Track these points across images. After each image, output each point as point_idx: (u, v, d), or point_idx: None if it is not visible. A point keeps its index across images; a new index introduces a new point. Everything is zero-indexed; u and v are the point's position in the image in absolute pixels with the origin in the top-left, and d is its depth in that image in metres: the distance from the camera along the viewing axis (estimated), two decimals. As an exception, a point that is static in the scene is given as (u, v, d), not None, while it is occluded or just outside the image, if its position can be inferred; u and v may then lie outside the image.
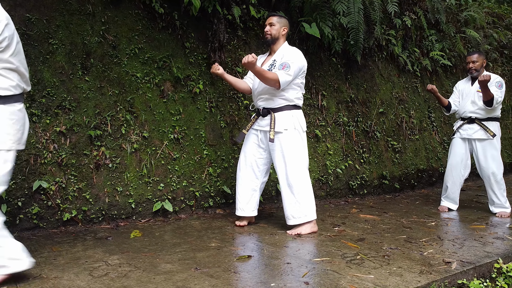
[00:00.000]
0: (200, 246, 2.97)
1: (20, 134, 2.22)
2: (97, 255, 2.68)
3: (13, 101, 2.17)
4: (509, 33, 8.57)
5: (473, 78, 4.42)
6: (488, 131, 4.22)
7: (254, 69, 3.16)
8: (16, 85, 2.17)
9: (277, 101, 3.39)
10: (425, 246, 3.05)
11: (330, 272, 2.43)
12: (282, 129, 3.34)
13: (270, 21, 3.50)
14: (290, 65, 3.26)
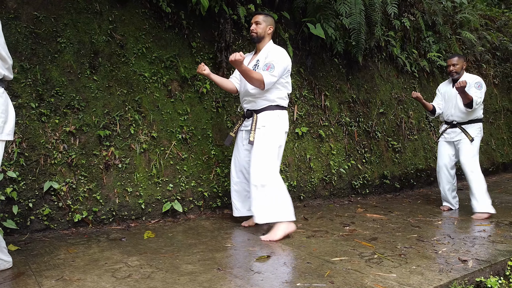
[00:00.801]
0: (216, 246, 2.96)
1: (2, 122, 1.98)
2: (115, 257, 2.66)
3: None
4: (500, 35, 8.74)
5: (453, 81, 4.47)
6: (467, 135, 4.29)
7: (241, 67, 3.08)
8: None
9: (260, 103, 3.34)
10: (438, 245, 3.09)
11: (352, 272, 2.45)
12: (260, 126, 3.27)
13: (256, 20, 3.43)
14: (275, 66, 3.20)
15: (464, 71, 4.41)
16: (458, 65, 4.33)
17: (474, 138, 4.25)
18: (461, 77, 4.35)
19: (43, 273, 2.34)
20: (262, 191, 3.15)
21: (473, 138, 4.23)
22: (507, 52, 8.85)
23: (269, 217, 3.15)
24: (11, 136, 2.06)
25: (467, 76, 4.35)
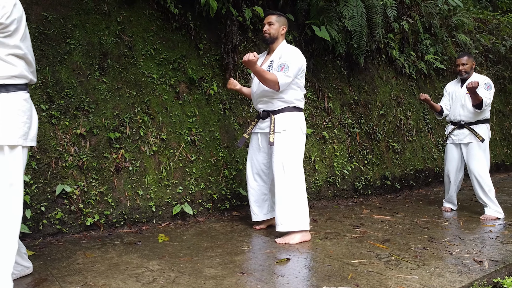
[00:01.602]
0: (233, 249, 2.96)
1: (27, 128, 1.92)
2: (134, 261, 2.64)
3: (17, 89, 1.88)
4: (493, 37, 8.90)
5: (462, 80, 4.49)
6: (477, 135, 4.30)
7: (254, 68, 3.06)
8: (21, 75, 1.89)
9: (276, 103, 3.29)
10: (450, 246, 3.14)
11: (374, 274, 2.48)
12: (281, 129, 3.23)
13: (269, 20, 3.39)
14: (289, 66, 3.16)
15: (473, 71, 4.44)
16: (468, 65, 4.36)
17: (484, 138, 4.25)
18: (470, 77, 4.38)
19: (65, 279, 2.31)
20: (286, 199, 3.16)
21: (483, 138, 4.24)
22: (498, 54, 9.02)
23: (292, 226, 3.15)
24: (35, 142, 2.01)
25: (477, 76, 4.37)
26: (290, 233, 3.17)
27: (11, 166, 1.81)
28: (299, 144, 3.26)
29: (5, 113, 1.78)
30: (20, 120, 1.85)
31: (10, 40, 1.78)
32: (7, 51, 1.78)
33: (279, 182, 3.19)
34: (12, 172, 1.81)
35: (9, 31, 1.76)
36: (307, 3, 5.36)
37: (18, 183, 1.84)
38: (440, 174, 6.62)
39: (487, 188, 4.20)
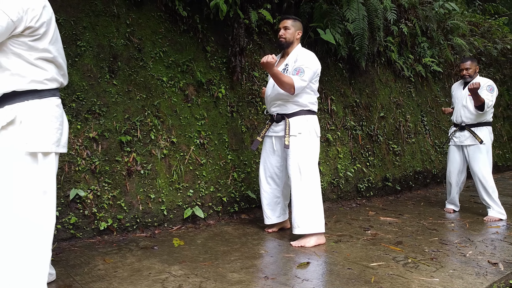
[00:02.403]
0: (251, 253, 2.97)
1: (59, 134, 1.89)
2: (156, 266, 2.62)
3: (50, 95, 1.85)
4: (485, 41, 9.06)
5: (465, 83, 4.57)
6: (477, 137, 4.38)
7: (272, 70, 3.06)
8: (52, 78, 1.85)
9: (291, 107, 3.30)
10: (462, 248, 3.20)
11: (395, 277, 2.51)
12: (296, 132, 3.25)
13: (284, 25, 3.39)
14: (305, 70, 3.17)
15: (477, 75, 4.52)
16: (471, 69, 4.44)
17: (484, 140, 4.33)
18: (473, 80, 4.46)
19: (90, 285, 2.29)
20: (303, 202, 3.17)
21: (482, 140, 4.31)
22: (490, 57, 9.20)
23: (308, 229, 3.17)
24: (66, 148, 1.99)
25: (479, 78, 4.45)
26: (306, 236, 3.20)
27: (45, 173, 1.79)
28: (314, 147, 3.29)
29: (38, 120, 1.75)
30: (53, 126, 1.82)
31: (39, 43, 1.74)
32: (37, 55, 1.74)
33: (295, 185, 3.21)
34: (46, 179, 1.79)
35: (38, 34, 1.73)
36: (310, 6, 5.40)
37: (52, 191, 1.81)
38: (437, 175, 6.72)
39: (490, 190, 4.29)
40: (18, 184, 1.68)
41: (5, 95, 1.69)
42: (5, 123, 1.66)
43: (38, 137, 1.74)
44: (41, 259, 1.76)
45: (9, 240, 1.63)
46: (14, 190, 1.66)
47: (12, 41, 1.66)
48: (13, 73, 1.68)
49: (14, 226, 1.64)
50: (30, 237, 1.70)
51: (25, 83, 1.71)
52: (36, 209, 1.74)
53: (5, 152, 1.66)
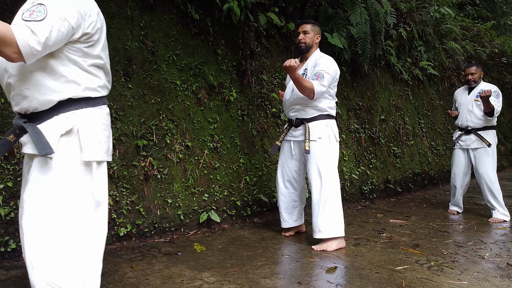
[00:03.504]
0: (275, 258, 2.97)
1: (109, 143, 1.86)
2: (186, 273, 2.61)
3: (101, 103, 1.80)
4: (475, 44, 9.28)
5: (470, 88, 4.70)
6: (484, 141, 4.49)
7: (294, 74, 3.06)
8: (104, 85, 1.81)
9: (310, 111, 3.33)
10: (478, 250, 3.27)
11: (425, 281, 2.56)
12: (316, 137, 3.27)
13: (304, 29, 3.41)
14: (324, 75, 3.19)
15: (481, 80, 4.63)
16: (476, 74, 4.54)
17: (491, 143, 4.44)
18: (478, 86, 4.57)
19: (126, 294, 2.26)
20: (324, 206, 3.20)
21: (490, 143, 4.42)
22: (480, 60, 9.41)
23: (330, 233, 3.19)
24: (111, 156, 1.95)
25: (485, 84, 4.56)
26: (327, 240, 3.22)
27: (99, 183, 1.75)
28: (334, 151, 3.32)
29: (93, 128, 1.72)
30: (104, 135, 1.79)
31: (93, 50, 1.70)
32: (90, 62, 1.71)
33: (315, 189, 3.23)
34: (100, 189, 1.75)
35: (93, 40, 1.69)
36: (314, 9, 5.44)
37: (105, 201, 1.78)
38: (434, 176, 6.85)
39: (496, 192, 4.40)
40: (72, 195, 1.64)
41: (60, 102, 1.65)
42: (64, 131, 1.62)
43: (93, 146, 1.70)
44: (94, 271, 1.72)
45: (60, 254, 1.59)
46: (68, 200, 1.61)
47: (68, 47, 1.62)
48: (68, 79, 1.64)
49: (66, 239, 1.60)
50: (82, 250, 1.66)
51: (81, 90, 1.67)
52: (90, 220, 1.70)
53: (61, 161, 1.61)
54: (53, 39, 1.51)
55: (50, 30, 1.49)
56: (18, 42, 1.44)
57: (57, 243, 1.57)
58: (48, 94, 1.60)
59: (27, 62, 1.50)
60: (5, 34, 1.41)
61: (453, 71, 8.37)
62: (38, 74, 1.59)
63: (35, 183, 1.58)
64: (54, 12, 1.52)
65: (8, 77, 1.62)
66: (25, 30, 1.46)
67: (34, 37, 1.46)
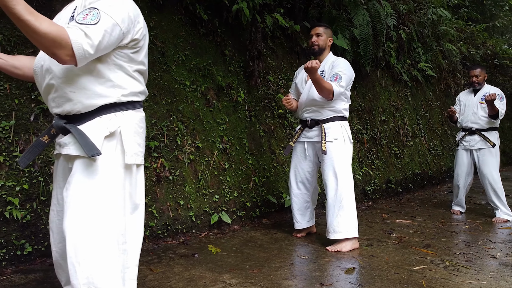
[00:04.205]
0: (292, 259, 2.98)
1: (144, 146, 1.83)
2: (207, 275, 2.60)
3: (139, 107, 1.79)
4: (469, 46, 9.41)
5: (475, 91, 4.78)
6: (489, 141, 4.58)
7: (315, 75, 3.08)
8: (144, 91, 1.80)
9: (326, 113, 3.36)
10: (489, 250, 3.32)
11: (444, 281, 2.59)
12: (332, 138, 3.31)
13: (317, 31, 3.45)
14: (342, 77, 3.24)
15: (485, 82, 4.69)
16: (481, 76, 4.61)
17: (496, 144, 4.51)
18: (482, 88, 4.64)
19: (151, 297, 2.24)
20: (339, 207, 3.22)
21: (495, 143, 4.49)
22: (474, 62, 9.55)
23: (345, 233, 3.20)
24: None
25: (489, 87, 4.64)
26: (342, 241, 3.24)
27: (138, 185, 1.74)
28: (349, 152, 3.34)
29: (134, 131, 1.70)
30: (142, 138, 1.78)
31: (138, 55, 1.70)
32: (135, 67, 1.70)
33: (331, 190, 3.25)
34: (139, 192, 1.74)
35: (139, 47, 1.69)
36: (318, 11, 5.46)
37: (143, 204, 1.77)
38: (432, 177, 6.93)
39: (500, 192, 4.47)
40: (115, 197, 1.62)
41: (102, 105, 1.63)
42: (108, 133, 1.60)
43: (135, 149, 1.69)
44: (132, 276, 1.71)
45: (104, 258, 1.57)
46: (111, 203, 1.59)
47: (116, 52, 1.61)
48: (114, 84, 1.63)
49: (110, 242, 1.58)
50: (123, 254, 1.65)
51: (125, 94, 1.66)
52: (129, 224, 1.69)
53: (105, 163, 1.59)
54: (105, 43, 1.51)
55: (103, 34, 1.49)
56: (73, 44, 1.42)
57: (101, 246, 1.55)
58: (93, 98, 1.59)
59: (78, 65, 1.49)
60: (61, 36, 1.40)
61: (449, 73, 8.47)
62: (85, 77, 1.58)
63: (78, 185, 1.56)
64: (107, 16, 1.52)
65: (51, 78, 1.60)
66: (80, 33, 1.45)
67: (88, 40, 1.45)
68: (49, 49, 1.42)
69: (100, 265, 1.54)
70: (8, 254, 2.60)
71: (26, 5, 1.35)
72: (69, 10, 1.68)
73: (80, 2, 1.64)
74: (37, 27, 1.36)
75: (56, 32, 1.40)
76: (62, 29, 1.42)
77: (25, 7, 1.34)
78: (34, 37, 1.39)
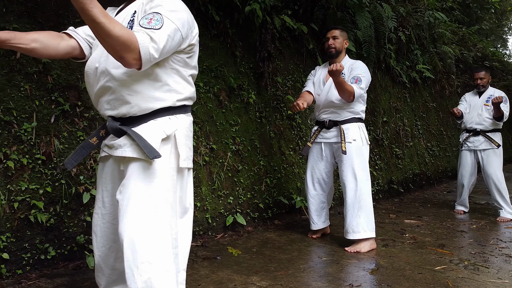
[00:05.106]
0: (314, 260, 3.00)
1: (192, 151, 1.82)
2: (235, 277, 2.59)
3: (189, 111, 1.79)
4: (462, 48, 9.58)
5: (479, 93, 4.88)
6: (493, 142, 4.68)
7: (338, 78, 3.11)
8: (194, 96, 1.79)
9: (344, 114, 3.40)
10: (502, 249, 3.39)
11: (468, 280, 2.64)
12: (351, 139, 3.35)
13: (333, 34, 3.48)
14: (362, 79, 3.29)
15: (489, 85, 4.79)
16: (485, 79, 4.71)
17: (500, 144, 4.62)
18: (486, 90, 4.73)
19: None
20: (358, 207, 3.26)
21: (499, 144, 4.60)
22: (466, 64, 9.73)
23: (364, 234, 3.24)
24: None
25: (493, 89, 4.74)
26: (360, 241, 3.27)
27: (188, 189, 1.74)
28: (366, 153, 3.39)
29: (186, 135, 1.70)
30: (191, 142, 1.78)
31: (192, 60, 1.70)
32: (189, 72, 1.70)
33: (351, 190, 3.29)
34: (189, 195, 1.74)
35: (194, 51, 1.69)
36: (322, 12, 5.49)
37: (192, 207, 1.77)
38: (430, 177, 7.04)
39: (504, 191, 4.57)
40: (170, 201, 1.61)
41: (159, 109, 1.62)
42: (165, 136, 1.59)
43: (187, 152, 1.69)
44: (182, 281, 1.70)
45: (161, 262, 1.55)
46: (167, 207, 1.58)
47: (173, 57, 1.61)
48: (171, 88, 1.62)
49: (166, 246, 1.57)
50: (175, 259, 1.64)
51: (180, 99, 1.66)
52: (180, 228, 1.68)
53: (162, 167, 1.58)
54: (168, 47, 1.51)
55: (166, 39, 1.49)
56: (141, 48, 1.42)
57: (159, 250, 1.54)
58: (150, 101, 1.59)
59: (142, 69, 1.49)
60: (131, 40, 1.39)
61: (443, 74, 8.61)
62: (143, 81, 1.57)
63: (135, 188, 1.54)
64: (169, 21, 1.52)
65: (108, 81, 1.58)
66: (146, 37, 1.44)
67: (153, 44, 1.45)
68: (118, 52, 1.41)
69: (158, 269, 1.53)
70: (32, 258, 2.55)
71: (102, 8, 1.34)
72: (127, 13, 1.67)
73: (139, 7, 1.64)
74: (111, 29, 1.35)
75: (127, 35, 1.39)
76: (132, 33, 1.42)
77: (100, 10, 1.33)
78: (106, 40, 1.38)
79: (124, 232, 1.53)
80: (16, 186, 2.53)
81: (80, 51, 1.83)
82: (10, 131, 2.59)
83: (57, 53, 1.77)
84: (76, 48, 1.82)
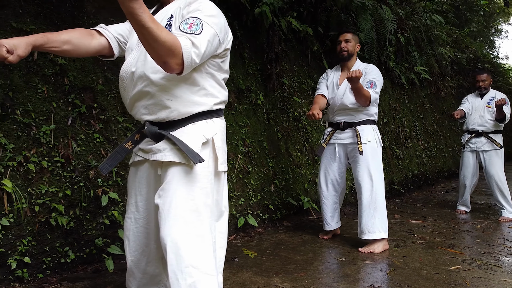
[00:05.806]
0: (330, 261, 3.02)
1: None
2: (256, 279, 2.60)
3: (223, 114, 1.80)
4: (456, 50, 9.72)
5: (481, 95, 4.96)
6: (496, 143, 4.77)
7: (357, 84, 3.15)
8: (227, 99, 1.80)
9: (359, 116, 3.45)
10: (509, 249, 3.46)
11: (485, 280, 2.69)
12: (366, 140, 3.39)
13: (345, 37, 3.52)
14: (376, 83, 3.35)
15: (490, 87, 4.89)
16: (487, 81, 4.80)
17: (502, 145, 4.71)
18: (488, 92, 4.82)
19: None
20: (373, 208, 3.31)
21: (502, 145, 4.69)
22: (460, 65, 9.88)
23: (378, 234, 3.28)
24: None
25: (495, 92, 4.83)
26: (374, 242, 3.31)
27: (224, 192, 1.75)
28: (380, 154, 3.44)
29: (222, 138, 1.71)
30: (226, 145, 1.79)
31: (225, 64, 1.72)
32: (222, 76, 1.71)
33: (366, 191, 3.33)
34: (224, 198, 1.75)
35: (227, 56, 1.71)
36: (325, 14, 5.52)
37: (227, 210, 1.78)
38: (428, 177, 7.13)
39: (506, 192, 4.66)
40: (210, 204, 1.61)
41: (197, 113, 1.63)
42: (205, 140, 1.59)
43: (224, 156, 1.70)
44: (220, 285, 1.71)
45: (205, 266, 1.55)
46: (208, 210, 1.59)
47: (209, 61, 1.61)
48: (207, 92, 1.63)
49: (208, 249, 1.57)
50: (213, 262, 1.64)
51: (216, 102, 1.67)
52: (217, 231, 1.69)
53: (202, 171, 1.58)
54: (207, 52, 1.52)
55: (206, 44, 1.50)
56: (184, 53, 1.42)
57: (202, 254, 1.54)
58: (189, 106, 1.59)
59: (183, 74, 1.49)
60: (175, 45, 1.39)
61: (439, 76, 8.73)
62: (181, 86, 1.58)
63: (177, 192, 1.54)
64: (208, 26, 1.52)
65: (146, 86, 1.58)
66: (188, 42, 1.45)
67: (195, 49, 1.46)
68: (163, 57, 1.41)
69: (202, 273, 1.54)
70: (52, 262, 2.53)
71: (150, 13, 1.34)
72: (163, 17, 1.66)
73: (176, 11, 1.64)
74: (158, 35, 1.35)
75: (172, 41, 1.40)
76: (176, 39, 1.42)
77: (149, 15, 1.33)
78: (152, 45, 1.37)
79: (168, 237, 1.53)
80: (37, 189, 2.50)
81: (110, 49, 1.84)
82: (30, 134, 2.56)
83: (87, 52, 1.78)
84: (106, 46, 1.83)
